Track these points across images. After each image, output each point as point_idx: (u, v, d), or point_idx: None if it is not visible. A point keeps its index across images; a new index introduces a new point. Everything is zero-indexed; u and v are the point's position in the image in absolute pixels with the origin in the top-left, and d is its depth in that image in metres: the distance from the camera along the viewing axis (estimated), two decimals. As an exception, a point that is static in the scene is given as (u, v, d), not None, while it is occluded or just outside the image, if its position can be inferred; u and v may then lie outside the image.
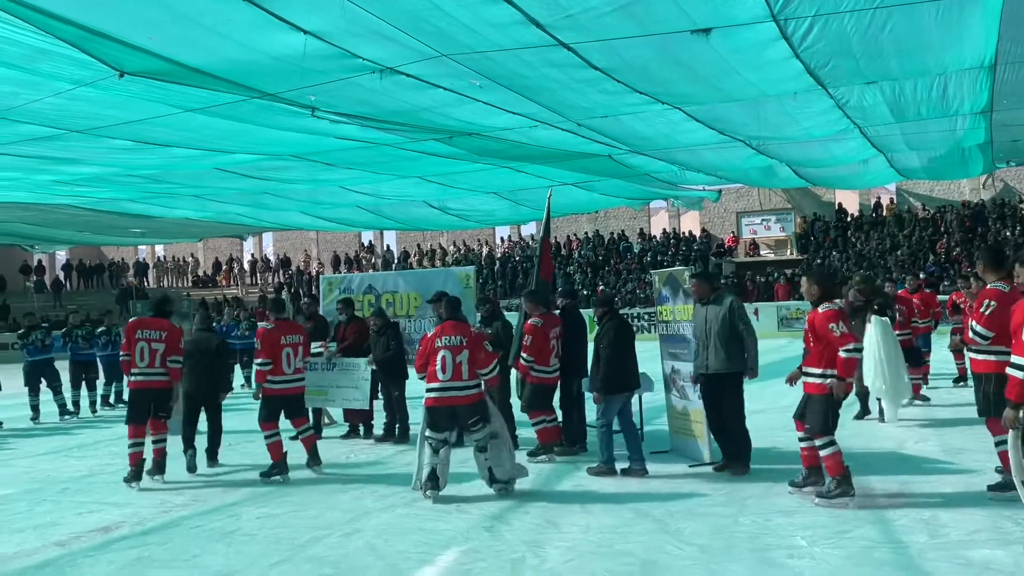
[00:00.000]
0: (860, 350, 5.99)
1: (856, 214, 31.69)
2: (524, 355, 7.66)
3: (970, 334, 5.71)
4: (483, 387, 6.50)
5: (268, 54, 6.77)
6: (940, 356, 12.11)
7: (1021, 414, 4.74)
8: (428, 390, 6.42)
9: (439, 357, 6.36)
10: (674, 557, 4.73)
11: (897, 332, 9.54)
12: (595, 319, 7.42)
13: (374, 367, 8.90)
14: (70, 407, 12.43)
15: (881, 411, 8.95)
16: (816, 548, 4.76)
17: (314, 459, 7.50)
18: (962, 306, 10.55)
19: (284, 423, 7.45)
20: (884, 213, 31.10)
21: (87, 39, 6.24)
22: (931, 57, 7.88)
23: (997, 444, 5.61)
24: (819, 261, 28.35)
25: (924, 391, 10.42)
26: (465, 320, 6.78)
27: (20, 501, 6.87)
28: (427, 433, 6.41)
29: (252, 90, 7.67)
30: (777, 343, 20.45)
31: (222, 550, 5.22)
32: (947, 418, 9.10)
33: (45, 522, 6.12)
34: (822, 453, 5.85)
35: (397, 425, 9.00)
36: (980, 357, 5.70)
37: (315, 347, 9.35)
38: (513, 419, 8.17)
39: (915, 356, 10.07)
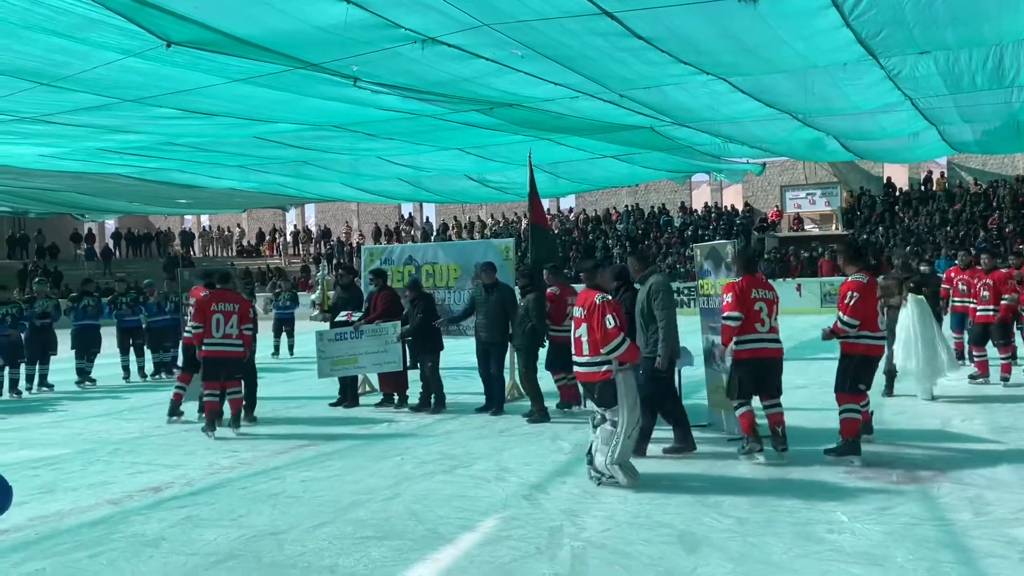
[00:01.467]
0: (734, 318, 6.23)
1: (905, 188, 30.94)
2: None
3: (839, 324, 6.31)
4: (612, 366, 5.68)
5: (311, 24, 6.79)
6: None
7: None
8: None
9: (572, 329, 5.98)
10: (712, 529, 4.74)
11: (982, 308, 10.12)
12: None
13: (400, 339, 9.04)
14: (121, 371, 12.84)
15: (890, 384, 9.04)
16: (857, 524, 4.73)
17: (235, 422, 8.19)
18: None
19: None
20: (934, 187, 30.34)
21: (135, 9, 6.31)
22: (988, 26, 7.62)
23: (841, 413, 6.33)
24: (865, 236, 27.80)
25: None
26: (601, 287, 5.98)
27: (74, 461, 7.11)
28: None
29: (295, 60, 7.71)
30: (820, 319, 20.14)
31: (267, 511, 5.36)
32: (995, 395, 8.94)
33: (98, 481, 6.34)
34: (735, 413, 6.33)
35: (433, 395, 9.10)
36: (850, 342, 6.36)
37: (341, 315, 9.55)
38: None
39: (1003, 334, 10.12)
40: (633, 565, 4.23)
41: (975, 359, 10.31)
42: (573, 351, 5.91)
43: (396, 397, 9.53)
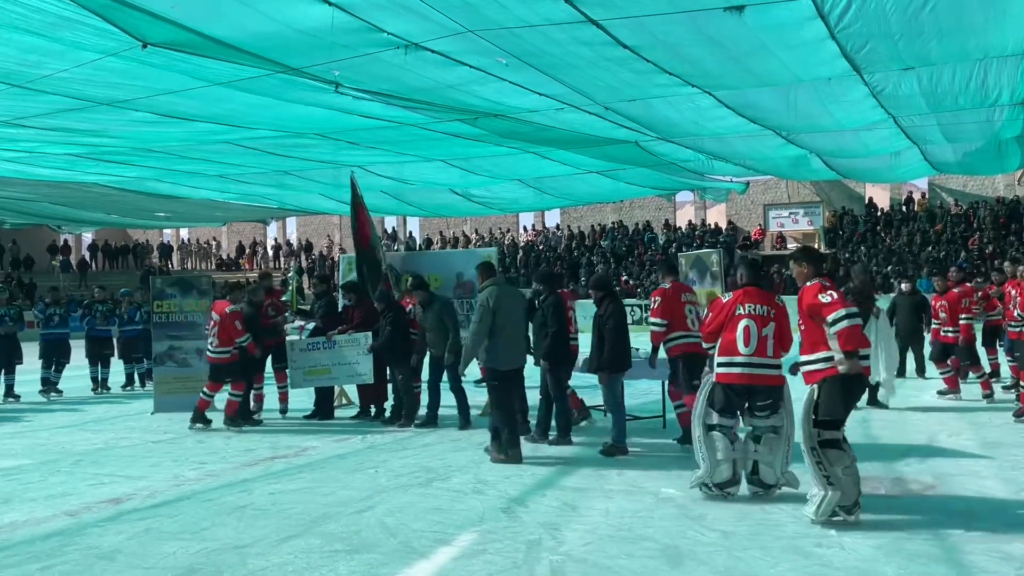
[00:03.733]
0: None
1: (887, 209, 31.17)
2: None
3: (651, 326, 7.28)
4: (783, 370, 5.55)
5: (291, 26, 6.64)
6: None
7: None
8: (722, 364, 5.49)
9: (741, 327, 5.43)
10: (696, 543, 4.57)
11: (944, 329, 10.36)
12: (594, 302, 7.41)
13: (371, 350, 8.88)
14: (89, 383, 12.51)
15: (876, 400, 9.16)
16: (846, 538, 4.58)
17: (233, 422, 8.86)
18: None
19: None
20: (916, 208, 30.57)
21: (110, 7, 6.14)
22: (972, 40, 7.60)
23: (676, 408, 7.38)
24: (847, 255, 27.92)
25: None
26: (770, 287, 5.99)
27: (34, 472, 6.86)
28: (715, 420, 5.46)
29: (275, 64, 7.55)
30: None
31: (232, 523, 5.14)
32: (982, 409, 8.88)
33: (57, 492, 6.09)
34: None
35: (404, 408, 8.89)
36: (671, 345, 7.31)
37: (292, 327, 9.50)
38: (526, 402, 8.10)
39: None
40: (614, 580, 4.04)
41: (941, 375, 10.35)
42: (753, 350, 5.40)
43: (373, 409, 9.31)
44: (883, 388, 9.09)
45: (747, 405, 5.50)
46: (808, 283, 5.19)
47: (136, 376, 12.99)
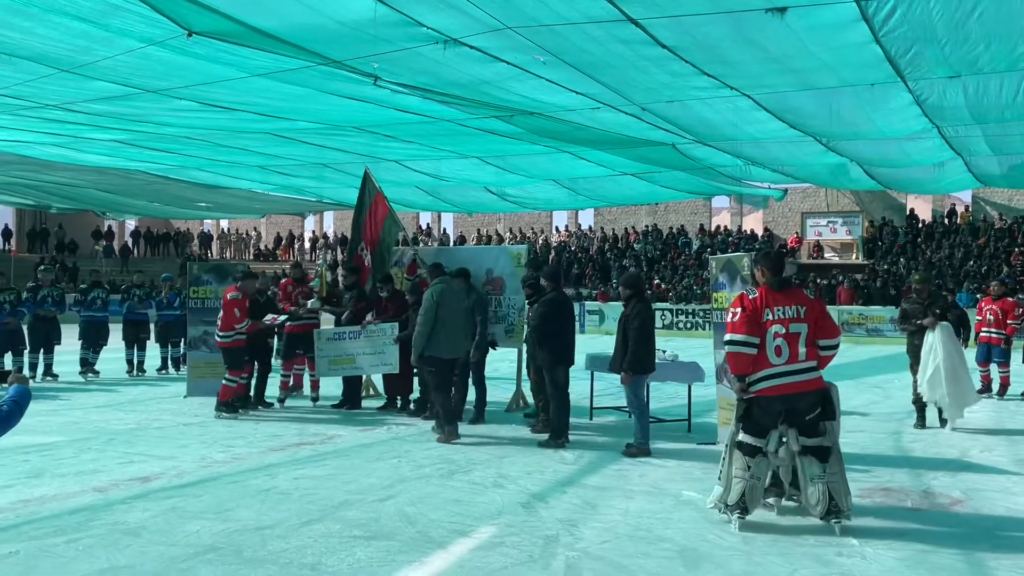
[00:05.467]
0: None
1: (928, 221, 30.57)
2: None
3: None
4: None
5: (333, 18, 6.72)
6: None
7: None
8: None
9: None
10: (714, 546, 4.53)
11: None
12: (622, 301, 7.33)
13: (398, 341, 8.92)
14: (124, 365, 12.76)
15: (943, 419, 8.59)
16: (868, 548, 4.50)
17: (227, 407, 8.87)
18: None
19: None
20: (958, 220, 29.93)
21: (157, -4, 6.27)
22: (1023, 46, 7.42)
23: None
24: (886, 267, 27.44)
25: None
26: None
27: (66, 449, 7.01)
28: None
29: (316, 55, 7.64)
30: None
31: (255, 506, 5.21)
32: (1016, 429, 8.66)
33: (87, 469, 6.22)
34: None
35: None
36: None
37: (267, 318, 9.51)
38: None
39: None
40: (629, 579, 4.03)
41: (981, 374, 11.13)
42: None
43: (399, 401, 9.37)
44: (947, 411, 8.43)
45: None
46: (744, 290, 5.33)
47: (170, 360, 13.21)
